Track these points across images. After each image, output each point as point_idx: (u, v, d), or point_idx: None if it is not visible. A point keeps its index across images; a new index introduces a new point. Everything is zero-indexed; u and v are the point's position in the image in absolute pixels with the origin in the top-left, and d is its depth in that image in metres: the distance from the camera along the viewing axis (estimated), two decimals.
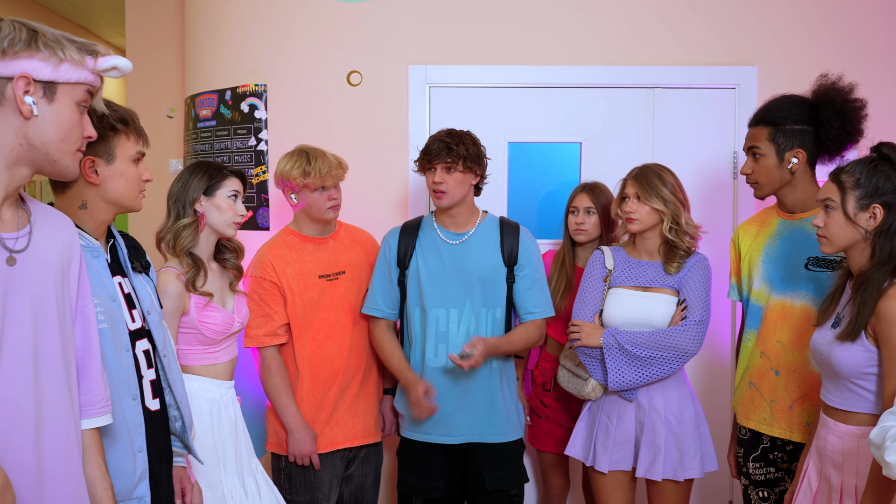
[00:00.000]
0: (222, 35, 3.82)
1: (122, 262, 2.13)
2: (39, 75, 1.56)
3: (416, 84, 3.63)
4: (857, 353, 2.16)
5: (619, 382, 2.80)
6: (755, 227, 2.87)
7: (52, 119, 1.59)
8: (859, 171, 2.21)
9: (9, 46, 1.51)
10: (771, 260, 2.75)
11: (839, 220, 2.23)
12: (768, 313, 2.73)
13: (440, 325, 2.95)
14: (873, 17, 3.60)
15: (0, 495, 1.32)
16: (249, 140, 3.69)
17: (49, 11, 8.54)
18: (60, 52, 1.57)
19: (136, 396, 2.08)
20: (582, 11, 3.63)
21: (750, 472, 2.79)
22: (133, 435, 2.07)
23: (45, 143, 1.59)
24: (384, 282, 3.03)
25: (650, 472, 2.83)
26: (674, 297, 2.86)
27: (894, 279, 2.14)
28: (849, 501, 2.20)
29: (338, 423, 3.04)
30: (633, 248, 2.95)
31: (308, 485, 2.99)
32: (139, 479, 2.07)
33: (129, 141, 2.08)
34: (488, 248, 2.99)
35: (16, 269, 1.58)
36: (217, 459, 2.69)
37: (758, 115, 2.79)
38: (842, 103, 2.67)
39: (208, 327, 2.66)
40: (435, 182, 2.92)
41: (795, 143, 2.68)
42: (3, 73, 1.51)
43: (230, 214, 2.71)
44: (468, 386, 2.94)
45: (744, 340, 2.85)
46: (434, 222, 3.05)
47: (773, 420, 2.70)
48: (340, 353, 3.03)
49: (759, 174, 2.76)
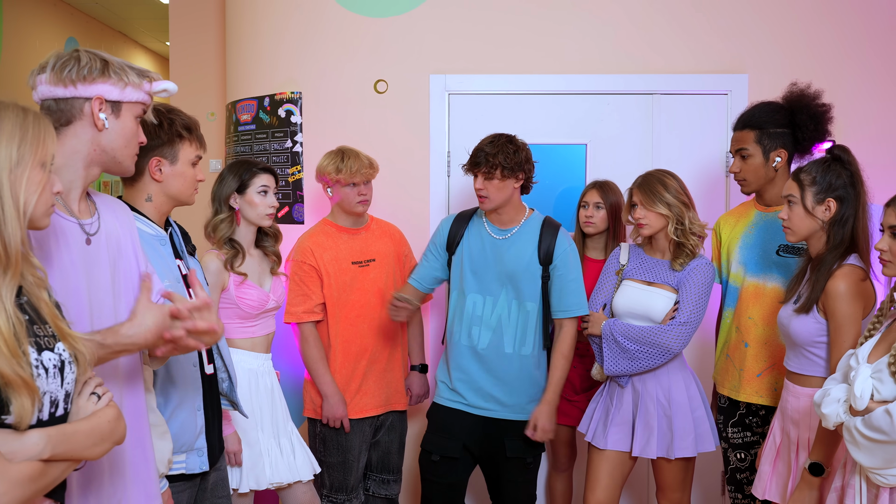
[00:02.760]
0: (261, 47, 4.17)
1: (177, 246, 2.47)
2: (110, 96, 1.94)
3: (436, 91, 3.97)
4: (810, 324, 2.52)
5: (612, 369, 3.06)
6: (734, 218, 3.21)
7: (118, 130, 1.97)
8: (815, 171, 2.56)
9: (88, 74, 1.90)
10: (747, 246, 3.08)
11: (800, 212, 2.58)
12: (743, 293, 3.06)
13: (476, 309, 3.19)
14: (854, 28, 3.89)
15: (115, 424, 1.67)
16: (286, 142, 4.07)
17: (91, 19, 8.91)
18: (125, 78, 1.96)
19: (195, 364, 2.43)
20: (587, 25, 3.94)
21: (729, 436, 3.13)
22: (194, 396, 2.43)
23: (114, 149, 1.98)
24: (431, 258, 3.31)
25: (645, 451, 3.04)
26: (672, 295, 3.04)
27: (843, 262, 2.49)
28: (803, 453, 2.56)
29: (367, 393, 3.39)
30: (650, 247, 3.15)
31: (340, 448, 3.35)
32: (199, 433, 2.43)
33: (191, 147, 2.44)
34: (526, 246, 3.19)
35: (91, 248, 1.94)
36: (255, 422, 3.06)
37: (743, 120, 3.11)
38: (814, 108, 3.01)
39: (245, 302, 3.04)
40: (477, 188, 3.14)
41: (778, 144, 3.01)
42: (83, 94, 1.90)
43: (262, 208, 3.08)
44: (498, 368, 3.18)
45: (723, 318, 3.19)
46: (484, 216, 3.28)
47: (740, 387, 3.04)
48: (370, 332, 3.38)
49: (747, 172, 3.08)
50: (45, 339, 1.57)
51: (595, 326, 3.11)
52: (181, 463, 2.38)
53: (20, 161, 1.54)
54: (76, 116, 1.92)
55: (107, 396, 1.67)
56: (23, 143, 1.56)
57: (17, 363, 1.46)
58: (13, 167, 1.54)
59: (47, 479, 1.52)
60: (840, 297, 2.45)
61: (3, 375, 1.44)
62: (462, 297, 3.23)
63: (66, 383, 1.60)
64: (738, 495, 3.15)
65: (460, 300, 3.23)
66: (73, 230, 1.90)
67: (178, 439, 2.35)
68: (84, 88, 1.91)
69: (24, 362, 1.49)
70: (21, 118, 1.58)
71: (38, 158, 1.58)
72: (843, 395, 2.18)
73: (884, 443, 2.04)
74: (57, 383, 1.56)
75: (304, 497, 3.17)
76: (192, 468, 2.41)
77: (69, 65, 1.90)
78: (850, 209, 2.52)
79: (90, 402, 1.64)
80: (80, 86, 1.90)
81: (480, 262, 3.21)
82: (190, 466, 2.41)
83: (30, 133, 1.57)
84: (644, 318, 3.06)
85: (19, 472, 1.45)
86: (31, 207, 1.57)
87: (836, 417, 2.17)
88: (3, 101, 1.59)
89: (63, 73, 1.89)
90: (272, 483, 3.05)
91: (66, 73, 1.89)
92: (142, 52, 10.49)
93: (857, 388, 2.12)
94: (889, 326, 2.22)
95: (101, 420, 1.63)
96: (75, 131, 1.92)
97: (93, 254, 1.94)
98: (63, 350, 1.60)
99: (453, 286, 3.28)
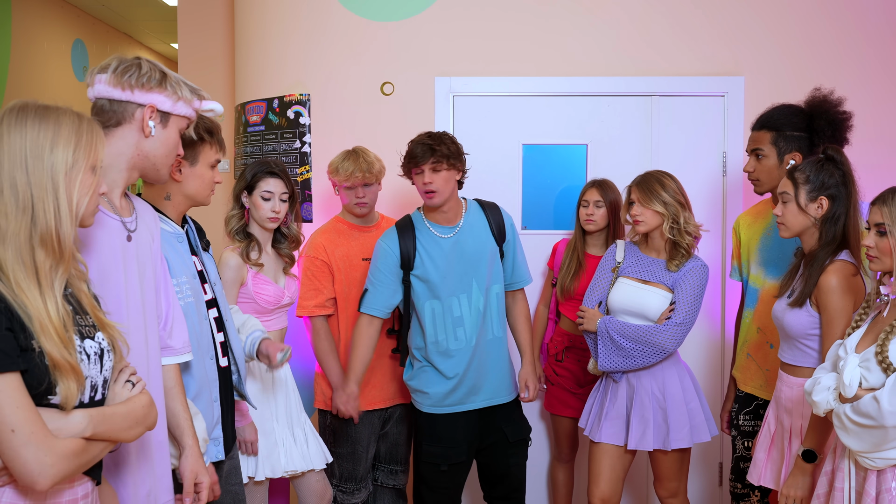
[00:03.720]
0: (269, 50, 4.26)
1: (193, 243, 2.55)
2: (162, 107, 2.06)
3: (441, 93, 4.08)
4: (803, 317, 2.63)
5: (606, 365, 3.14)
6: (751, 217, 3.27)
7: (162, 140, 2.09)
8: (809, 170, 2.67)
9: (147, 82, 2.02)
10: (766, 248, 3.14)
11: (793, 209, 2.69)
12: (763, 294, 3.12)
13: (454, 311, 3.21)
14: (850, 31, 4.00)
15: (148, 409, 1.79)
16: (294, 143, 4.17)
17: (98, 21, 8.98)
18: (179, 92, 2.08)
19: (212, 357, 2.52)
20: (588, 29, 4.05)
21: (740, 423, 3.19)
22: (211, 388, 2.52)
23: (156, 157, 2.09)
24: (387, 284, 3.20)
25: (641, 443, 3.13)
26: (667, 294, 3.12)
27: (835, 258, 2.60)
28: (796, 440, 2.67)
29: (375, 386, 3.49)
30: (645, 246, 3.24)
31: (350, 439, 3.45)
32: (216, 423, 2.53)
33: (212, 150, 2.52)
34: (481, 231, 3.25)
35: (131, 245, 2.07)
36: (270, 412, 3.16)
37: (761, 120, 3.13)
38: (834, 115, 3.02)
39: (262, 297, 3.15)
40: (425, 183, 3.10)
41: (793, 147, 3.03)
42: (139, 100, 2.02)
43: (263, 211, 3.17)
44: (484, 359, 3.27)
45: (743, 317, 3.24)
46: (426, 221, 3.23)
47: (766, 386, 3.09)
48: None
49: (761, 173, 3.09)
50: (87, 328, 1.69)
51: (590, 323, 3.19)
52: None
53: (74, 165, 1.66)
54: (126, 119, 2.03)
55: (140, 384, 1.79)
56: (77, 147, 1.67)
57: (67, 350, 1.59)
58: (68, 170, 1.65)
59: (88, 456, 1.64)
60: (832, 291, 2.55)
61: (54, 360, 1.56)
62: (438, 304, 3.20)
63: (105, 370, 1.71)
64: (738, 485, 3.21)
65: (435, 309, 3.21)
66: (117, 227, 2.02)
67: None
68: (140, 95, 2.02)
69: (73, 349, 1.61)
70: (77, 124, 1.69)
71: (90, 163, 1.69)
72: (832, 383, 2.29)
73: (872, 428, 2.15)
74: (97, 369, 1.68)
75: (316, 485, 3.27)
76: (209, 457, 2.49)
77: (131, 70, 2.01)
78: (841, 207, 2.62)
79: (125, 388, 1.76)
80: (137, 92, 2.01)
81: (446, 267, 3.20)
82: (207, 456, 2.49)
83: (84, 139, 1.68)
84: (639, 316, 3.14)
85: (65, 446, 1.58)
86: (82, 208, 1.68)
87: (826, 404, 2.28)
88: (60, 107, 1.70)
89: (124, 77, 2.00)
90: (287, 471, 3.15)
91: (127, 77, 2.00)
92: (147, 54, 10.57)
93: (846, 377, 2.22)
94: (875, 318, 2.34)
95: (136, 405, 1.75)
96: (123, 134, 2.03)
97: (131, 250, 2.06)
98: (102, 339, 1.72)
99: (422, 298, 3.21)
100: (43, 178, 1.62)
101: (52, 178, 1.63)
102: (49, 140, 1.64)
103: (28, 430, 1.52)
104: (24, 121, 1.64)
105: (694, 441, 3.17)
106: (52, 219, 1.62)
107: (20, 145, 1.62)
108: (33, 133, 1.64)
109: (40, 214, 1.62)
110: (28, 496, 1.60)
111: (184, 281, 2.41)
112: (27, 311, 1.57)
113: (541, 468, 4.17)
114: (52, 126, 1.66)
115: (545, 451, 4.16)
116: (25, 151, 1.62)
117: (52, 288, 1.62)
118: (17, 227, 1.60)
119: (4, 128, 1.64)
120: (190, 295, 2.44)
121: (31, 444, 1.52)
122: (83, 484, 1.70)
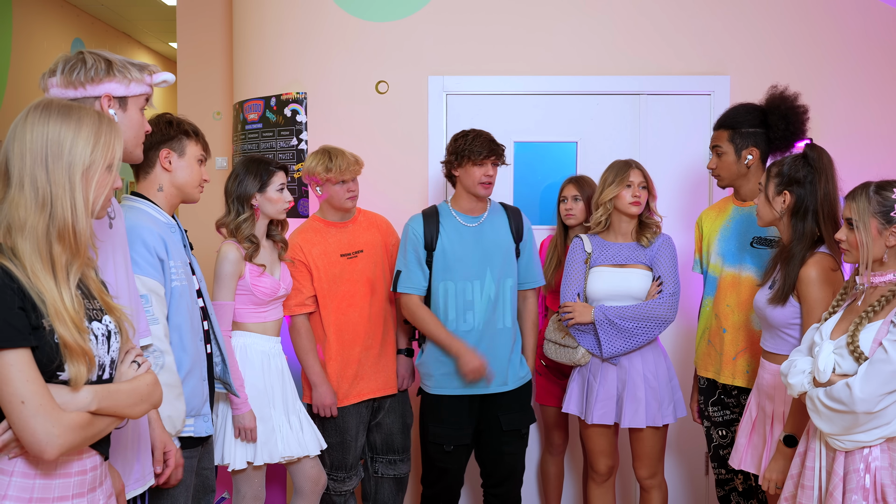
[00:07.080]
0: (267, 48, 4.34)
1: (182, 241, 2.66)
2: (116, 93, 2.13)
3: (434, 92, 4.17)
4: (786, 308, 2.73)
5: (611, 351, 3.26)
6: (715, 212, 3.42)
7: (126, 123, 2.17)
8: (782, 164, 2.78)
9: (95, 75, 2.09)
10: (725, 239, 3.29)
11: (762, 200, 2.81)
12: (721, 282, 3.27)
13: (466, 295, 3.38)
14: (830, 33, 4.11)
15: (153, 388, 1.87)
16: (291, 140, 4.26)
17: (97, 20, 9.05)
18: (129, 75, 2.15)
19: (201, 339, 2.63)
20: (579, 29, 4.14)
21: (710, 415, 3.34)
22: (202, 367, 2.63)
23: (126, 139, 2.14)
24: (415, 263, 3.42)
25: (633, 421, 3.27)
26: (647, 272, 3.30)
27: (814, 251, 2.70)
28: (778, 426, 2.77)
29: (363, 378, 3.54)
30: (608, 233, 3.41)
31: (338, 428, 3.51)
32: (205, 400, 2.63)
33: (197, 146, 2.66)
34: (500, 227, 3.47)
35: (112, 231, 2.17)
36: (267, 399, 3.25)
37: (719, 120, 3.34)
38: (787, 109, 3.19)
39: (260, 290, 3.24)
40: (488, 175, 3.36)
41: (749, 143, 3.22)
42: (93, 94, 2.10)
43: (280, 204, 3.27)
44: (492, 344, 3.39)
45: (703, 305, 3.39)
46: (451, 210, 3.46)
47: (720, 369, 3.25)
48: (360, 320, 3.54)
49: (721, 168, 3.30)
50: (94, 311, 1.79)
51: (582, 315, 3.30)
52: (190, 426, 2.56)
53: (92, 164, 1.74)
54: None
55: (146, 365, 1.88)
56: (96, 147, 1.75)
57: (81, 336, 1.69)
58: (86, 169, 1.73)
59: (94, 430, 1.73)
60: (811, 282, 2.65)
61: (67, 344, 1.66)
62: (452, 287, 3.39)
63: (112, 351, 1.81)
64: (722, 471, 3.34)
65: (449, 291, 3.40)
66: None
67: (188, 403, 2.53)
68: (92, 88, 2.09)
69: (87, 335, 1.71)
70: (97, 125, 1.77)
71: (107, 162, 1.78)
72: (807, 367, 2.39)
73: (843, 412, 2.25)
74: (104, 350, 1.78)
75: (311, 471, 3.36)
76: (199, 432, 2.59)
77: (77, 68, 2.08)
78: (809, 202, 2.72)
79: (131, 369, 1.85)
80: (88, 87, 2.09)
81: (463, 251, 3.40)
82: (198, 430, 2.59)
83: (102, 139, 1.77)
84: (625, 298, 3.29)
85: (71, 419, 1.67)
86: (98, 206, 1.78)
87: (800, 387, 2.38)
88: (83, 107, 1.79)
89: (72, 76, 2.07)
90: (283, 457, 3.23)
91: (75, 75, 2.07)
92: (146, 53, 10.65)
93: (821, 363, 2.32)
94: (849, 306, 2.44)
95: (141, 383, 1.84)
96: None
97: (112, 236, 2.17)
98: (109, 322, 1.81)
99: (438, 279, 3.40)
100: (62, 177, 1.71)
101: (71, 177, 1.71)
102: (69, 139, 1.72)
103: (37, 402, 1.62)
104: (46, 118, 1.72)
105: (677, 416, 3.38)
106: (70, 216, 1.71)
107: (42, 142, 1.70)
108: (55, 131, 1.72)
109: (58, 211, 1.70)
110: (38, 466, 1.70)
111: (178, 264, 2.53)
112: (42, 296, 1.66)
113: (531, 461, 4.25)
114: (73, 125, 1.73)
115: (535, 443, 4.24)
116: (46, 149, 1.70)
117: (66, 280, 1.71)
118: (35, 222, 1.69)
119: (28, 124, 1.72)
120: (184, 278, 2.56)
121: (39, 415, 1.62)
122: (91, 457, 1.79)
